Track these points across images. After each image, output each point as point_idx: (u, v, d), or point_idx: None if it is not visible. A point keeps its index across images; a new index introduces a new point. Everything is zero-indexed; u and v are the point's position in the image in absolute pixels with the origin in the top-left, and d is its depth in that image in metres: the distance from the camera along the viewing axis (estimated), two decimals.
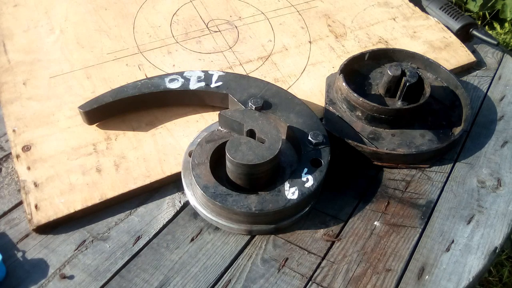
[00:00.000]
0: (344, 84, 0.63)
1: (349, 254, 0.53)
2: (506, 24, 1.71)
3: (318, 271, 0.52)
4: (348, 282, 0.51)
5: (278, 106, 0.60)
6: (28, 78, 0.66)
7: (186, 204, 0.57)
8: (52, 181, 0.56)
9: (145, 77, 0.65)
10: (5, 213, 0.55)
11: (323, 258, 0.53)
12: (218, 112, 0.56)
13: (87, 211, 0.55)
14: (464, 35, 0.79)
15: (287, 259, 0.52)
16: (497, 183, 0.60)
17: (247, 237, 0.54)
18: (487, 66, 0.76)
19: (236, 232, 0.54)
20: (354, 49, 0.75)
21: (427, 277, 0.52)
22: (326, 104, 0.65)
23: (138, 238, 0.53)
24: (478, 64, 0.76)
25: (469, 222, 0.56)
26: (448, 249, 0.54)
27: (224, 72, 0.64)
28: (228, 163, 0.53)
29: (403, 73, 0.63)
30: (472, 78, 0.74)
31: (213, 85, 0.63)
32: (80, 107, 0.60)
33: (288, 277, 0.51)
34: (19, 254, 0.51)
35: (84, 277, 0.50)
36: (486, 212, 0.57)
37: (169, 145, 0.60)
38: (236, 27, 0.77)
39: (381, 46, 0.76)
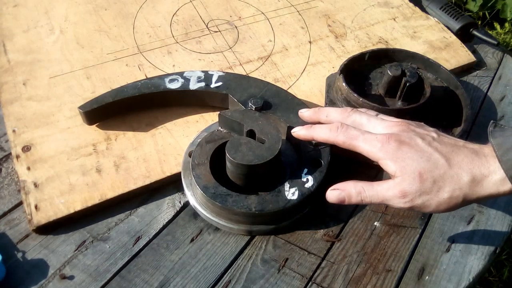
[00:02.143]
0: (344, 84, 0.63)
1: (349, 255, 0.53)
2: (506, 24, 1.71)
3: (318, 271, 0.52)
4: (348, 283, 0.51)
5: (278, 107, 0.60)
6: (28, 78, 0.66)
7: (186, 204, 0.57)
8: (52, 182, 0.56)
9: (145, 77, 0.65)
10: (5, 214, 0.55)
11: (323, 259, 0.53)
12: (218, 112, 0.56)
13: (87, 212, 0.54)
14: (464, 35, 0.79)
15: (287, 259, 0.52)
16: None
17: (247, 238, 0.54)
18: (487, 66, 0.76)
19: (236, 232, 0.54)
20: (354, 49, 0.75)
21: (427, 277, 0.52)
22: (326, 104, 0.65)
23: (138, 238, 0.53)
24: (478, 64, 0.76)
25: (469, 223, 0.56)
26: (448, 250, 0.54)
27: (224, 72, 0.64)
28: (228, 164, 0.53)
29: (403, 73, 0.62)
30: (472, 78, 0.74)
31: (213, 85, 0.63)
32: (80, 107, 0.60)
33: (288, 278, 0.51)
34: (19, 255, 0.51)
35: (84, 278, 0.50)
36: (486, 213, 0.57)
37: (169, 146, 0.60)
38: (236, 27, 0.77)
39: (381, 46, 0.76)
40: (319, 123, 0.52)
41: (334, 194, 0.46)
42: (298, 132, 0.48)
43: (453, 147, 0.42)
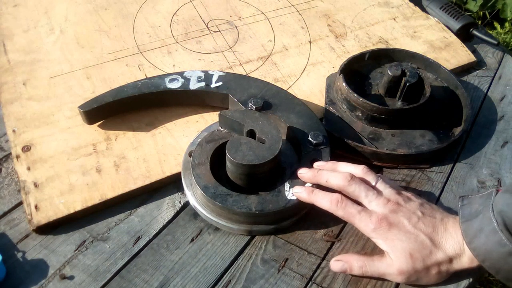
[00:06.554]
0: (344, 84, 0.63)
1: None
2: (506, 24, 1.71)
3: (318, 271, 0.52)
4: (348, 283, 0.51)
5: (278, 107, 0.60)
6: (28, 78, 0.66)
7: (186, 204, 0.57)
8: (52, 182, 0.56)
9: (145, 77, 0.65)
10: (5, 214, 0.55)
11: (323, 259, 0.53)
12: (218, 112, 0.56)
13: (87, 212, 0.54)
14: (464, 35, 0.79)
15: (287, 259, 0.52)
16: (497, 184, 0.60)
17: (247, 238, 0.54)
18: (487, 66, 0.76)
19: (236, 232, 0.54)
20: (354, 49, 0.75)
21: None
22: (326, 104, 0.65)
23: (138, 238, 0.53)
24: (478, 64, 0.76)
25: None
26: None
27: (224, 72, 0.64)
28: (228, 163, 0.53)
29: (403, 73, 0.62)
30: (472, 78, 0.74)
31: (213, 85, 0.62)
32: (80, 107, 0.60)
33: (288, 278, 0.51)
34: (19, 255, 0.51)
35: (84, 278, 0.50)
36: None
37: (169, 145, 0.60)
38: (236, 27, 0.77)
39: (381, 46, 0.76)
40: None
41: (338, 264, 0.51)
42: (300, 194, 0.52)
43: (434, 226, 0.49)
